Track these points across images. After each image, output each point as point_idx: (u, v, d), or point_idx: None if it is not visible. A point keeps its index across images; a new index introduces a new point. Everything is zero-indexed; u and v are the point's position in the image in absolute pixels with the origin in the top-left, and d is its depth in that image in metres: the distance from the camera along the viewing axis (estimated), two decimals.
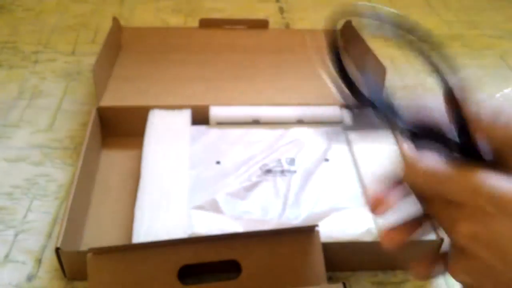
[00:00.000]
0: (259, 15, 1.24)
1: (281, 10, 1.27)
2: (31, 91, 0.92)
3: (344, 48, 0.78)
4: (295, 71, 0.90)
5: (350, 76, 0.43)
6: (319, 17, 1.09)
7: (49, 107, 0.88)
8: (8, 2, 1.24)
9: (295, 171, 0.68)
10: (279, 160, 0.70)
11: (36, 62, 1.01)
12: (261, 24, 1.04)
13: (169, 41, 0.97)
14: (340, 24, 0.64)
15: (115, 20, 0.95)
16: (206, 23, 1.01)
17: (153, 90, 0.82)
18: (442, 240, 0.59)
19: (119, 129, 0.78)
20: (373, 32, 0.43)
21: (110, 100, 0.78)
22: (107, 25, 0.92)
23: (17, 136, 0.81)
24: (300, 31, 1.13)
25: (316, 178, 0.68)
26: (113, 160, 0.75)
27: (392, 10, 0.43)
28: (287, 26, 1.20)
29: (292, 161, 0.70)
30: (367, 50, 0.91)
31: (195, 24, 1.03)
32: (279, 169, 0.68)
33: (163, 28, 1.12)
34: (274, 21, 1.22)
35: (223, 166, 0.69)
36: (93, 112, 0.75)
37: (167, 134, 0.72)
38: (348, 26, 1.03)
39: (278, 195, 0.65)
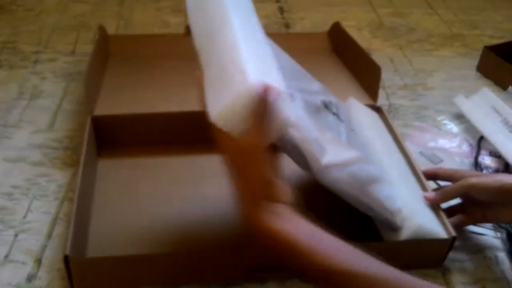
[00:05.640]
0: (259, 15, 1.24)
1: (281, 10, 1.27)
2: (31, 91, 0.92)
3: (334, 49, 0.76)
4: None
5: None
6: (319, 17, 1.09)
7: (49, 107, 0.88)
8: (8, 2, 1.24)
9: (343, 121, 0.65)
10: (331, 102, 0.65)
11: (36, 62, 1.01)
12: None
13: (157, 48, 0.96)
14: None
15: (101, 28, 0.94)
16: None
17: (147, 97, 0.80)
18: (454, 238, 0.59)
19: (114, 137, 0.76)
20: None
21: (104, 109, 0.76)
22: (107, 25, 0.92)
23: (17, 136, 0.81)
24: (286, 34, 1.12)
25: (351, 141, 0.64)
26: (110, 169, 0.74)
27: None
28: (287, 26, 1.20)
29: (338, 111, 0.66)
30: (360, 51, 0.90)
31: None
32: (333, 110, 0.64)
33: (150, 35, 1.09)
34: (274, 21, 1.22)
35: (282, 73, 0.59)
36: (88, 122, 0.73)
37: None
38: (336, 27, 1.03)
39: (335, 130, 0.61)
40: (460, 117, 0.89)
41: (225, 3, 0.54)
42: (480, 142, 0.82)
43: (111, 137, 0.76)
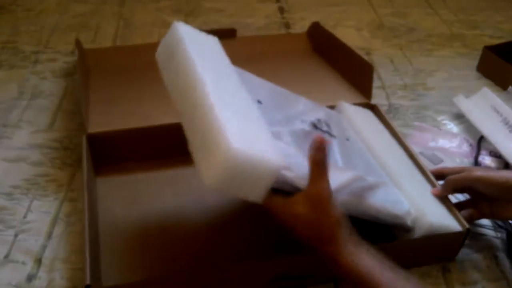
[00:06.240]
0: (259, 15, 1.24)
1: (281, 10, 1.27)
2: (31, 91, 0.92)
3: (314, 49, 0.75)
4: (268, 78, 0.77)
5: None
6: (319, 17, 1.09)
7: (49, 107, 0.88)
8: (8, 2, 1.24)
9: (335, 136, 0.65)
10: (319, 120, 0.66)
11: (36, 62, 1.01)
12: (229, 34, 1.00)
13: (137, 59, 0.89)
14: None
15: (78, 42, 0.91)
16: None
17: (141, 111, 0.77)
18: (468, 230, 0.59)
19: (110, 154, 0.74)
20: None
21: (97, 126, 0.73)
22: (107, 25, 0.92)
23: (17, 136, 0.81)
24: (268, 37, 1.10)
25: (347, 152, 0.64)
26: (110, 187, 0.72)
27: None
28: (287, 26, 1.20)
29: (329, 127, 0.67)
30: (347, 50, 0.89)
31: (195, 24, 1.02)
32: (322, 128, 0.65)
33: (128, 46, 1.06)
34: (274, 21, 1.22)
35: (265, 107, 0.60)
36: (84, 141, 0.71)
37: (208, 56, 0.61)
38: (315, 27, 1.02)
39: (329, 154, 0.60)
40: (460, 117, 0.89)
41: (192, 57, 0.55)
42: (480, 142, 0.82)
43: (107, 154, 0.73)
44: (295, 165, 0.52)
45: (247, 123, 0.51)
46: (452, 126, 0.88)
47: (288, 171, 0.51)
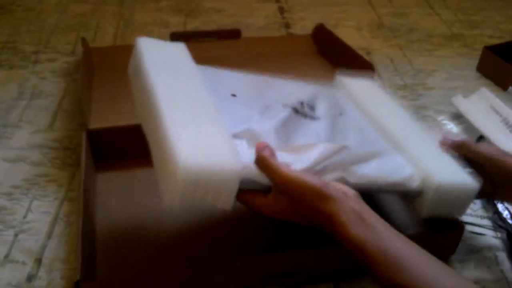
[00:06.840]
0: (259, 15, 1.24)
1: (281, 10, 1.27)
2: (31, 91, 0.92)
3: (320, 51, 0.75)
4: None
5: None
6: (319, 17, 1.09)
7: (49, 107, 0.88)
8: (8, 2, 1.24)
9: (319, 118, 0.63)
10: (302, 103, 0.63)
11: (36, 62, 1.01)
12: (233, 34, 1.01)
13: None
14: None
15: (84, 41, 0.92)
16: (176, 37, 0.97)
17: None
18: (462, 229, 0.59)
19: (110, 150, 0.74)
20: None
21: (98, 122, 0.74)
22: (107, 25, 0.92)
23: (17, 136, 0.81)
24: (272, 38, 1.10)
25: (340, 128, 0.62)
26: (109, 183, 0.72)
27: None
28: (287, 26, 1.20)
29: (313, 109, 0.64)
30: (349, 51, 0.90)
31: (195, 24, 1.02)
32: (305, 112, 0.63)
33: (131, 45, 1.06)
34: (274, 21, 1.22)
35: (240, 100, 0.60)
36: (84, 137, 0.71)
37: (169, 66, 0.61)
38: (320, 29, 1.03)
39: (311, 137, 0.59)
40: (460, 117, 0.89)
41: (148, 70, 0.57)
42: (479, 141, 0.82)
43: (107, 150, 0.74)
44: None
45: (201, 129, 0.50)
46: (452, 126, 0.88)
47: (252, 171, 0.50)
